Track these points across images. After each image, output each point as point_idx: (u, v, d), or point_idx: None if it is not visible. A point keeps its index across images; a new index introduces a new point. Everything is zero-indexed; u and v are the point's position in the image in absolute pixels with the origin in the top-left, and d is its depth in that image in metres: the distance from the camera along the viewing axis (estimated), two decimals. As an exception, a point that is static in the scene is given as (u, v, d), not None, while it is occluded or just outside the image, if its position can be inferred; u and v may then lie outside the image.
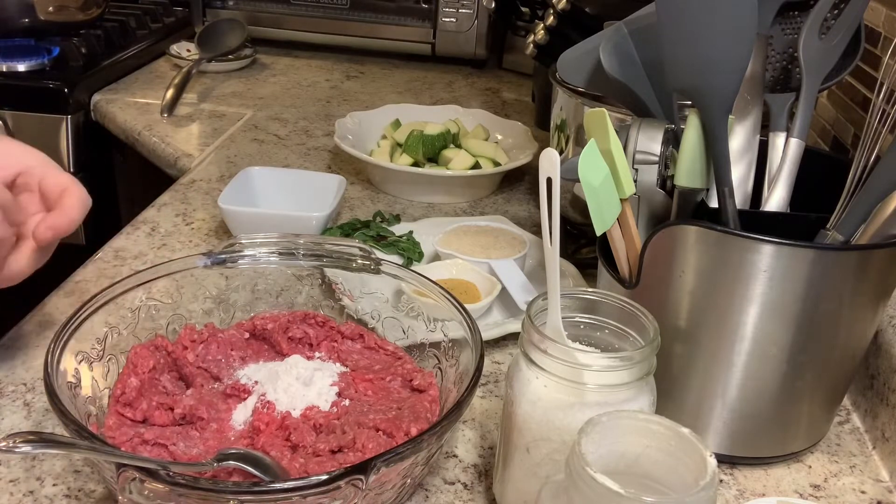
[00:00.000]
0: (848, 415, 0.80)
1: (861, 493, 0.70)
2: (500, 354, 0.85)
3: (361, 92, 1.64)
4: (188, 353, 0.72)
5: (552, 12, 1.10)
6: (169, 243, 1.02)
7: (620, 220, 0.67)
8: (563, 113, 1.02)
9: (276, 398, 0.67)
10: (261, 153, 1.31)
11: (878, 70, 0.92)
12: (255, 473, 0.59)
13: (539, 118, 1.40)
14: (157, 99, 1.47)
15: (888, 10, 0.93)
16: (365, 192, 1.20)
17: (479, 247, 0.95)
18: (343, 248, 0.79)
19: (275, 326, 0.76)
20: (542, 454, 0.58)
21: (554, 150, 0.55)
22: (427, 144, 1.20)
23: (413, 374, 0.72)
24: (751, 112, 0.75)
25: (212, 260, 0.77)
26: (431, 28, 1.76)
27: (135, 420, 0.66)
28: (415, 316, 0.77)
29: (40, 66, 1.44)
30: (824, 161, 0.76)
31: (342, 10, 1.77)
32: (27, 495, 0.64)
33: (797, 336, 0.65)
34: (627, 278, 0.69)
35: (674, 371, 0.67)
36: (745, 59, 0.66)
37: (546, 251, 0.58)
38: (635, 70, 0.73)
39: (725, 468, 0.72)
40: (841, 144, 1.02)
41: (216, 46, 1.66)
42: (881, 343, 0.76)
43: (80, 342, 0.66)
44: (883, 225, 0.64)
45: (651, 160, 0.69)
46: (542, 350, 0.57)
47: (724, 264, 0.63)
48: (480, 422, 0.76)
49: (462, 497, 0.67)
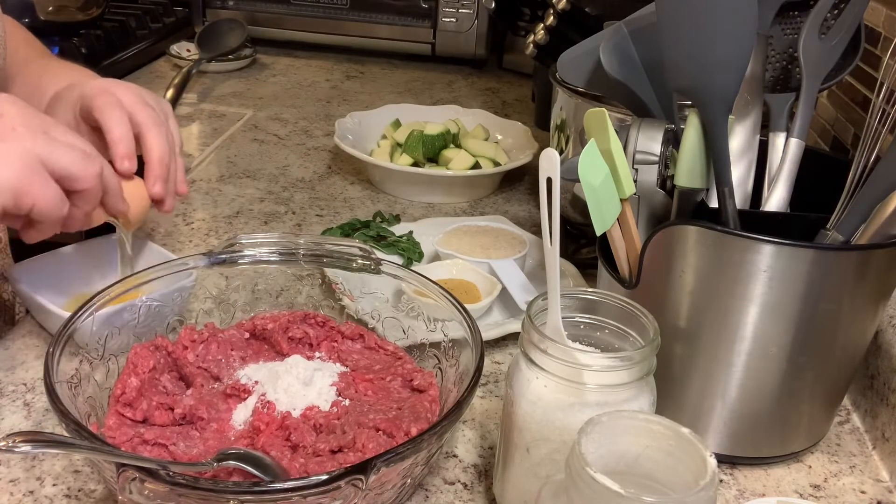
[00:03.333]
0: (848, 415, 0.80)
1: (861, 493, 0.70)
2: (500, 354, 0.85)
3: (361, 92, 1.64)
4: (188, 353, 0.72)
5: (552, 12, 1.10)
6: (169, 243, 1.02)
7: (620, 220, 0.67)
8: (563, 113, 1.02)
9: (277, 398, 0.67)
10: (261, 153, 1.31)
11: (878, 70, 0.92)
12: (255, 473, 0.59)
13: (539, 118, 1.40)
14: (157, 99, 1.47)
15: (888, 10, 0.93)
16: (365, 192, 1.20)
17: (479, 247, 0.95)
18: (343, 248, 0.79)
19: (275, 326, 0.76)
20: (542, 454, 0.58)
21: (554, 150, 0.55)
22: (427, 144, 1.20)
23: (413, 374, 0.72)
24: (751, 112, 0.75)
25: (212, 260, 0.77)
26: (431, 28, 1.75)
27: (135, 420, 0.66)
28: (415, 316, 0.77)
29: (40, 66, 1.44)
30: (824, 161, 0.76)
31: (342, 10, 1.77)
32: (27, 495, 0.64)
33: (797, 336, 0.65)
34: (627, 278, 0.69)
35: (674, 371, 0.67)
36: (745, 59, 0.66)
37: (546, 251, 0.58)
38: (635, 70, 0.73)
39: (725, 468, 0.72)
40: (841, 144, 1.02)
41: (216, 46, 1.65)
42: (881, 343, 0.76)
43: (80, 342, 0.66)
44: (883, 225, 0.64)
45: (651, 160, 0.69)
46: (542, 350, 0.57)
47: (724, 264, 0.63)
48: (480, 422, 0.76)
49: (462, 497, 0.67)
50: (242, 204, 1.14)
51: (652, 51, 0.71)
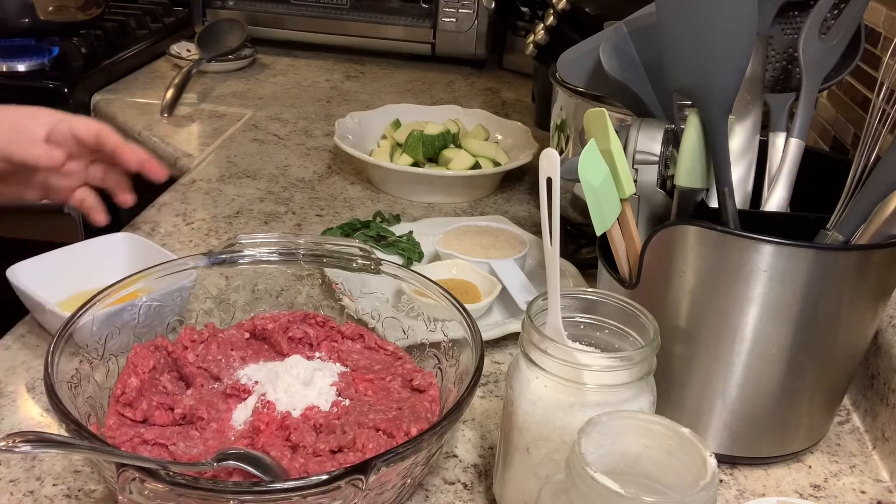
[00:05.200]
0: (848, 415, 0.80)
1: (861, 493, 0.70)
2: (500, 354, 0.85)
3: (361, 92, 1.64)
4: (188, 353, 0.72)
5: (552, 12, 1.10)
6: (169, 243, 1.02)
7: (620, 220, 0.67)
8: (563, 113, 1.02)
9: (277, 398, 0.67)
10: (261, 153, 1.31)
11: (878, 70, 0.92)
12: (255, 473, 0.59)
13: (539, 118, 1.40)
14: (157, 99, 1.47)
15: (888, 10, 0.93)
16: (365, 192, 1.20)
17: (479, 247, 0.95)
18: (343, 248, 0.79)
19: (275, 326, 0.76)
20: (542, 454, 0.58)
21: (554, 150, 0.55)
22: (427, 144, 1.20)
23: (413, 374, 0.72)
24: (751, 112, 0.75)
25: (212, 260, 0.77)
26: (431, 28, 1.76)
27: (135, 420, 0.66)
28: (415, 316, 0.77)
29: (40, 66, 1.44)
30: (824, 161, 0.76)
31: (342, 10, 1.78)
32: (27, 495, 0.64)
33: (797, 336, 0.65)
34: (627, 278, 0.69)
35: (674, 371, 0.67)
36: (745, 59, 0.66)
37: (546, 251, 0.58)
38: (635, 70, 0.73)
39: (725, 468, 0.72)
40: (841, 144, 1.02)
41: (216, 46, 1.66)
42: (881, 343, 0.76)
43: (80, 342, 0.66)
44: (883, 225, 0.64)
45: (651, 160, 0.69)
46: (542, 350, 0.57)
47: (724, 264, 0.63)
48: (480, 422, 0.76)
49: (462, 497, 0.67)
50: (242, 204, 1.14)
51: (652, 51, 0.71)
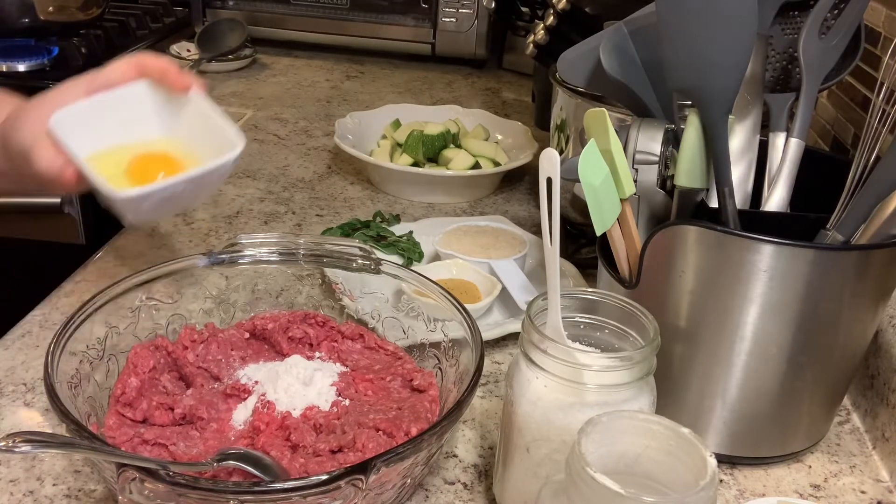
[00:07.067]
0: (848, 415, 0.80)
1: (861, 493, 0.70)
2: (500, 354, 0.85)
3: (361, 92, 1.64)
4: (188, 353, 0.72)
5: (552, 12, 1.10)
6: (169, 243, 1.02)
7: (620, 220, 0.67)
8: (563, 113, 1.02)
9: (277, 398, 0.67)
10: (261, 153, 1.31)
11: (878, 70, 0.92)
12: (255, 473, 0.59)
13: (539, 118, 1.40)
14: (157, 99, 1.47)
15: (888, 10, 0.93)
16: (365, 192, 1.20)
17: (479, 247, 0.95)
18: (343, 248, 0.79)
19: (275, 326, 0.76)
20: (542, 454, 0.58)
21: (554, 150, 0.54)
22: (427, 144, 1.20)
23: (413, 374, 0.72)
24: (751, 112, 0.75)
25: (212, 260, 0.77)
26: (431, 28, 1.75)
27: (135, 420, 0.66)
28: (415, 316, 0.77)
29: (40, 66, 1.44)
30: (824, 161, 0.76)
31: (342, 10, 1.77)
32: (27, 495, 0.64)
33: (797, 336, 0.65)
34: (627, 278, 0.69)
35: (674, 371, 0.67)
36: (745, 59, 0.66)
37: (546, 251, 0.58)
38: (635, 70, 0.73)
39: (725, 468, 0.72)
40: (841, 144, 1.02)
41: (216, 46, 1.65)
42: (881, 343, 0.76)
43: (80, 342, 0.66)
44: (883, 225, 0.64)
45: (651, 160, 0.69)
46: (542, 350, 0.57)
47: (724, 264, 0.63)
48: (480, 422, 0.76)
49: (462, 497, 0.67)
50: (242, 204, 1.14)
51: (652, 51, 0.71)
